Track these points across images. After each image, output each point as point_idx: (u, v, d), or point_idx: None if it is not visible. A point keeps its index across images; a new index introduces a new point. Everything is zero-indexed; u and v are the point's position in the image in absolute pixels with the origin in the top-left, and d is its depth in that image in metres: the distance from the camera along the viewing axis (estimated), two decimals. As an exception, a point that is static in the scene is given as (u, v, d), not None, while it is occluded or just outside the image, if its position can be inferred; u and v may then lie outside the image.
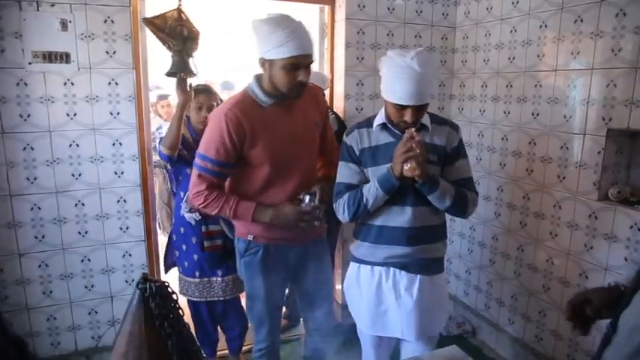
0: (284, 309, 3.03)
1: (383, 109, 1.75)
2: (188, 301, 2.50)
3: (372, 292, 1.83)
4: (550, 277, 2.48)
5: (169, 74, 2.26)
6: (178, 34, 2.25)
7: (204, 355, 1.44)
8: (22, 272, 2.40)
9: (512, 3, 2.60)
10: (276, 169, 1.81)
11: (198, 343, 1.38)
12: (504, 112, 2.72)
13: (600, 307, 1.20)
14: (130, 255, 2.59)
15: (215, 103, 2.32)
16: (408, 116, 1.63)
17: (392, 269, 1.80)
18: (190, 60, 2.35)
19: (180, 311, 1.33)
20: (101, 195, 2.47)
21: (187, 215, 2.30)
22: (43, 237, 2.41)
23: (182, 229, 2.38)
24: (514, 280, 2.73)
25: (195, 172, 1.78)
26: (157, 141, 4.57)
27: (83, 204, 2.45)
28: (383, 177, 1.67)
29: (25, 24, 2.18)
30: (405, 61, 1.56)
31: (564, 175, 2.36)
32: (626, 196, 2.11)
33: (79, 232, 2.47)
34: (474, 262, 3.08)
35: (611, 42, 2.08)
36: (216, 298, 2.44)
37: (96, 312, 2.59)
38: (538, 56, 2.46)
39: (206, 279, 2.40)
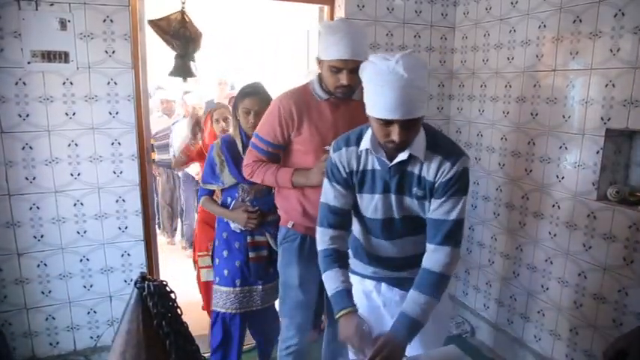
0: None
1: (370, 130, 1.46)
2: (216, 315, 2.30)
3: (361, 303, 1.65)
4: (549, 277, 2.48)
5: (172, 75, 2.29)
6: (182, 37, 2.26)
7: (203, 356, 1.43)
8: (20, 272, 2.40)
9: (512, 3, 2.60)
10: (318, 159, 1.88)
11: (196, 344, 1.38)
12: (503, 112, 2.73)
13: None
14: (128, 254, 2.59)
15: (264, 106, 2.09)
16: (395, 134, 1.34)
17: (383, 284, 1.70)
18: (192, 63, 2.38)
19: (179, 310, 1.33)
20: (100, 195, 2.47)
21: (233, 225, 2.26)
22: (42, 237, 2.41)
23: (225, 234, 2.30)
24: (513, 280, 2.73)
25: (248, 149, 2.03)
26: (171, 135, 4.53)
27: (82, 203, 2.45)
28: (336, 303, 1.50)
29: (24, 23, 2.18)
30: (388, 65, 1.29)
31: (563, 175, 2.36)
32: (624, 196, 2.11)
33: (78, 232, 2.47)
34: (472, 262, 3.08)
35: (609, 42, 2.08)
36: (254, 308, 2.31)
37: (95, 312, 2.58)
38: (537, 56, 2.46)
39: (247, 288, 2.28)
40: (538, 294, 2.56)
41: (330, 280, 1.53)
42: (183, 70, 2.31)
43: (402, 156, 1.42)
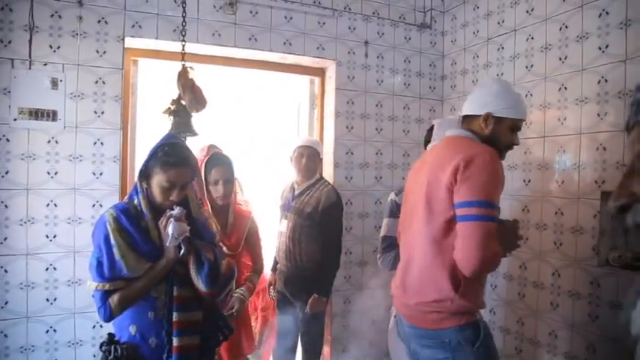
0: None
1: None
2: None
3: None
4: (555, 352, 2.31)
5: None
6: (188, 90, 2.23)
7: None
8: (-23, 344, 2.18)
9: (497, 75, 2.69)
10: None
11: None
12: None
13: None
14: (100, 326, 2.37)
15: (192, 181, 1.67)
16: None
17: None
18: (192, 120, 2.31)
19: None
20: (75, 259, 2.32)
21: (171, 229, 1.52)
22: (6, 303, 2.21)
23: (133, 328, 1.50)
24: (515, 358, 2.54)
25: (487, 225, 1.51)
26: None
27: (55, 268, 2.29)
28: None
29: (15, 81, 2.18)
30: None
31: (561, 241, 2.29)
32: (627, 261, 2.03)
33: (47, 299, 2.28)
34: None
35: (596, 107, 2.12)
36: None
37: (56, 392, 2.31)
38: (525, 124, 2.49)
39: None
40: (544, 372, 2.37)
41: None
42: (186, 127, 2.20)
43: None
